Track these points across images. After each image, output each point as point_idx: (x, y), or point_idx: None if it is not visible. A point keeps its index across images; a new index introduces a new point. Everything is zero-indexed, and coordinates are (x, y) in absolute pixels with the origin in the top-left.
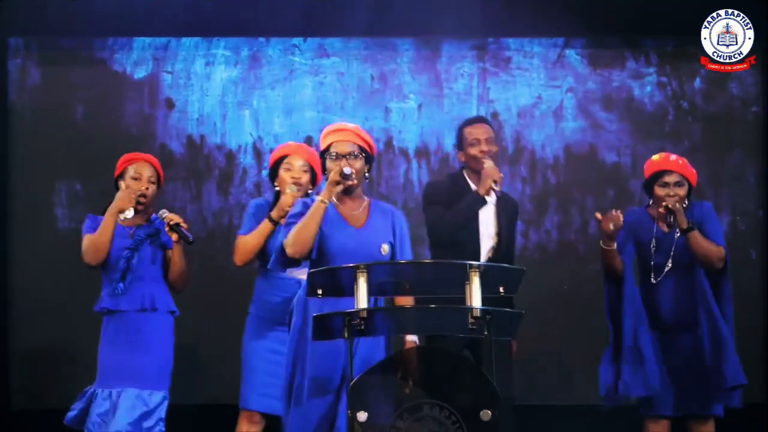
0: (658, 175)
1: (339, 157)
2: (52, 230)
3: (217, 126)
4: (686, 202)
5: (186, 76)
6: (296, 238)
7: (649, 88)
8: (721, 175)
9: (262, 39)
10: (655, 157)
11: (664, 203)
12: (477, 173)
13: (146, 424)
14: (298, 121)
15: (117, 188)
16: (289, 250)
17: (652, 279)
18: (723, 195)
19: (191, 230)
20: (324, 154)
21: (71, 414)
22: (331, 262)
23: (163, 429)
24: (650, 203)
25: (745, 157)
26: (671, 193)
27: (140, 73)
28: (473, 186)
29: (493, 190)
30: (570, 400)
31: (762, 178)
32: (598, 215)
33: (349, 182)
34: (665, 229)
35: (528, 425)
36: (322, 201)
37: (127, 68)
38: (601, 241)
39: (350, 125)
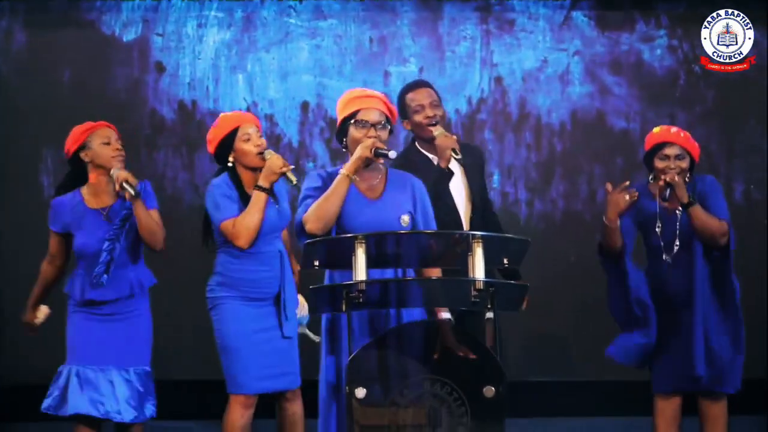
0: (658, 148)
1: (367, 125)
2: (38, 199)
3: (209, 91)
4: (688, 177)
5: (177, 39)
6: (318, 213)
7: (659, 52)
8: (734, 143)
9: (256, 0)
10: (655, 129)
11: (663, 176)
12: (429, 142)
13: (143, 400)
14: (293, 86)
15: (77, 164)
16: (309, 226)
17: (664, 257)
18: (736, 163)
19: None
20: (348, 120)
21: (49, 401)
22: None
23: (154, 402)
24: (651, 179)
25: (758, 124)
26: (672, 166)
27: (129, 36)
28: (430, 155)
29: (455, 158)
30: (575, 375)
31: None
32: (609, 187)
33: (383, 160)
34: (661, 198)
35: (532, 401)
36: (347, 175)
37: (116, 30)
38: (604, 217)
39: (376, 92)
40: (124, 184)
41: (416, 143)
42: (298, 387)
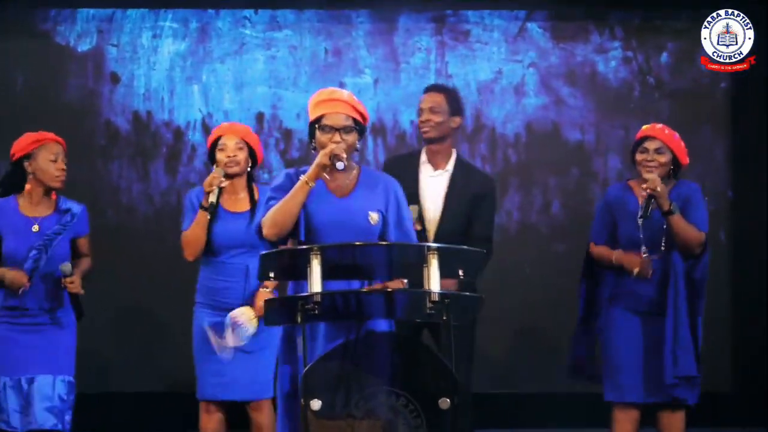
0: (641, 141)
1: (331, 130)
2: None
3: (164, 101)
4: (674, 179)
5: (132, 50)
6: (274, 218)
7: (614, 63)
8: (689, 154)
9: (211, 11)
10: (644, 126)
11: (644, 187)
12: (428, 143)
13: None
14: (249, 97)
15: (19, 170)
16: (265, 231)
17: (643, 249)
18: (691, 174)
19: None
20: (314, 124)
21: None
22: (317, 237)
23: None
24: (631, 177)
25: (713, 134)
26: (649, 158)
27: (84, 46)
28: (424, 158)
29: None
30: (530, 387)
31: (731, 157)
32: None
33: (340, 169)
34: (640, 213)
35: (484, 413)
36: (306, 182)
37: (71, 41)
38: (624, 265)
39: (344, 93)
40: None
41: (424, 149)
42: (260, 398)
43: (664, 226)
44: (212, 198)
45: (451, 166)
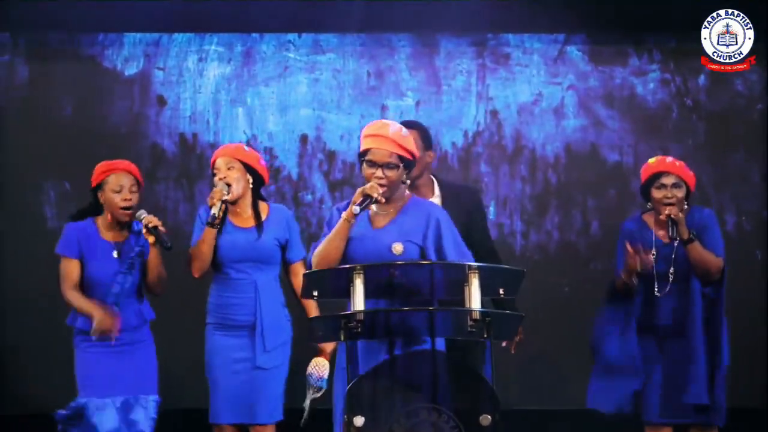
0: (655, 177)
1: (374, 165)
2: (41, 230)
3: (209, 124)
4: (686, 205)
5: (178, 73)
6: (319, 258)
7: (652, 85)
8: (725, 175)
9: (255, 35)
10: (651, 160)
11: (665, 212)
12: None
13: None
14: (292, 119)
15: (96, 198)
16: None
17: (655, 290)
18: (727, 195)
19: (174, 234)
20: (361, 156)
21: (63, 412)
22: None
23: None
24: (645, 210)
25: (749, 156)
26: (669, 195)
27: (131, 70)
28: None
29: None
30: (569, 404)
31: (766, 177)
32: (630, 248)
33: (368, 208)
34: (665, 238)
35: (525, 430)
36: (346, 219)
37: (118, 65)
38: (622, 273)
39: (391, 129)
40: (150, 228)
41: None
42: (267, 423)
43: (673, 258)
44: (215, 210)
45: (437, 191)
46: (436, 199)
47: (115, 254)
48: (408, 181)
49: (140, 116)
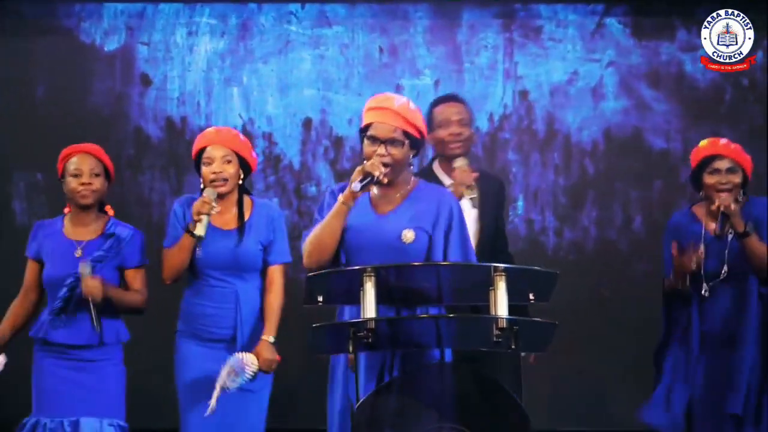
0: (707, 162)
1: (376, 141)
2: (11, 227)
3: (200, 106)
4: (741, 195)
5: (165, 49)
6: (311, 247)
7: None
8: None
9: (252, 5)
10: (702, 142)
11: (717, 204)
12: (448, 161)
13: None
14: (295, 101)
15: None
16: (304, 261)
17: (703, 290)
18: None
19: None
20: (362, 132)
21: None
22: (352, 258)
23: None
24: (695, 202)
25: None
26: (723, 181)
27: (111, 45)
28: (445, 180)
29: (469, 198)
30: (607, 425)
31: None
32: (675, 250)
33: (373, 186)
34: (716, 231)
35: None
36: (342, 203)
37: (97, 39)
38: (672, 277)
39: (396, 102)
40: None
41: (434, 163)
42: None
43: (726, 254)
44: (200, 231)
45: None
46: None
47: (77, 253)
48: (411, 166)
49: (122, 97)
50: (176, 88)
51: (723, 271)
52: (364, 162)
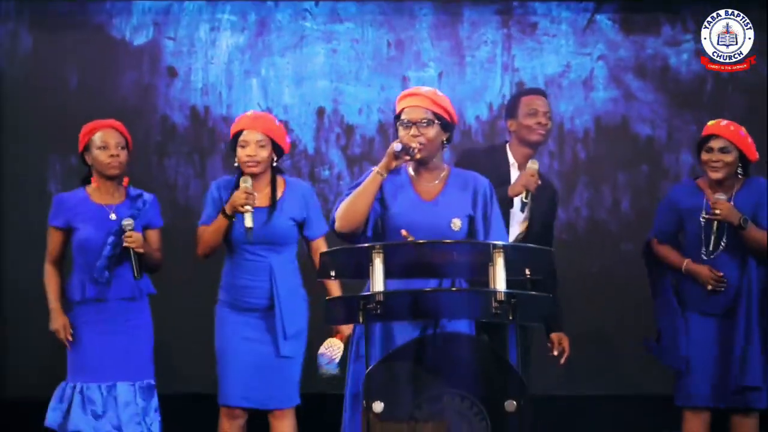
0: (706, 140)
1: (410, 124)
2: (46, 205)
3: (222, 96)
4: (740, 174)
5: (189, 43)
6: (345, 212)
7: (686, 56)
8: (763, 152)
9: (270, 3)
10: (710, 122)
11: (711, 211)
12: (526, 145)
13: (147, 418)
14: (309, 91)
15: (85, 164)
16: (337, 225)
17: (703, 254)
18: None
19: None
20: (396, 120)
21: (53, 417)
22: (393, 239)
23: (159, 418)
24: (698, 176)
25: None
26: (714, 159)
27: (140, 40)
28: (512, 159)
29: (523, 200)
30: (598, 389)
31: None
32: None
33: (407, 158)
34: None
35: (554, 416)
36: (378, 173)
37: (126, 34)
38: (696, 278)
39: (425, 89)
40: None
41: (507, 145)
42: (285, 407)
43: (726, 224)
44: (249, 223)
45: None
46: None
47: (112, 216)
48: (445, 149)
49: (149, 88)
50: (200, 79)
51: (722, 243)
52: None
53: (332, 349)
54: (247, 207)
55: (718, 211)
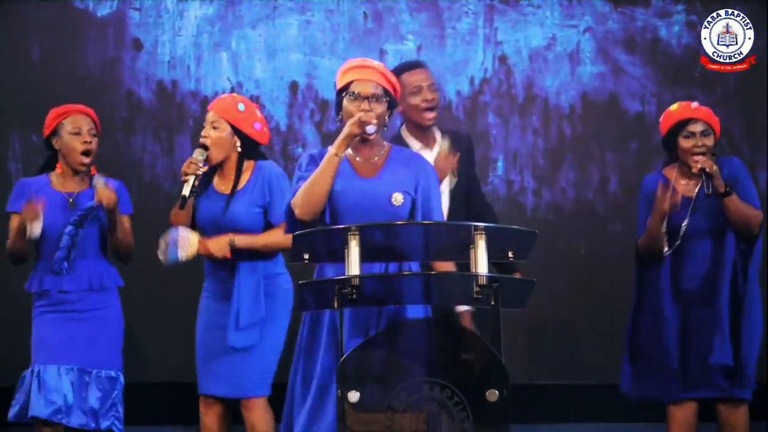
0: (681, 126)
1: (359, 98)
2: (5, 187)
3: (190, 70)
4: (714, 155)
5: (156, 14)
6: (305, 197)
7: (677, 28)
8: (758, 126)
9: None
10: (673, 107)
11: (698, 164)
12: (420, 129)
13: (104, 405)
14: (282, 65)
15: (49, 148)
16: (297, 212)
17: (665, 248)
18: (761, 147)
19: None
20: (341, 92)
21: (15, 409)
22: (341, 220)
23: (121, 411)
24: (665, 164)
25: None
26: (699, 144)
27: (104, 10)
28: (414, 145)
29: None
30: (585, 378)
31: None
32: (660, 188)
33: (370, 136)
34: (689, 192)
35: (537, 405)
36: (335, 154)
37: (90, 4)
38: (650, 221)
39: (376, 62)
40: (103, 200)
41: (403, 129)
42: (251, 396)
43: (689, 213)
44: (185, 191)
45: (438, 137)
46: (444, 142)
47: (69, 205)
48: (386, 128)
49: (114, 61)
50: (167, 52)
51: (683, 225)
52: (351, 119)
53: (188, 239)
54: (188, 176)
55: (707, 167)
